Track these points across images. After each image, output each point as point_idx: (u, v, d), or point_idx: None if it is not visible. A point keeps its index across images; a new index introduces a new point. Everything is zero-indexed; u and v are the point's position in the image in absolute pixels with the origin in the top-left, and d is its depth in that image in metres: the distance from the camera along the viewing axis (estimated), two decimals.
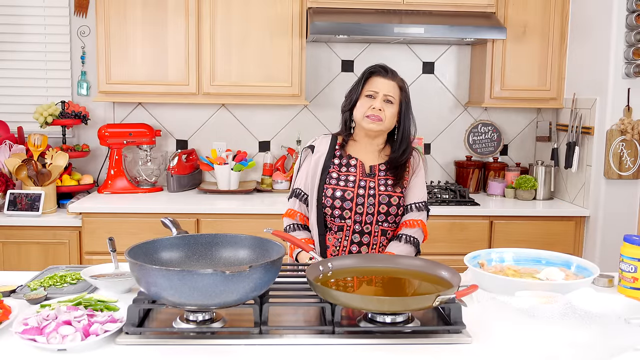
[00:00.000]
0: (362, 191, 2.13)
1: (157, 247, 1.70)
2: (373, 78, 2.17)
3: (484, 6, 3.46)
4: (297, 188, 2.26)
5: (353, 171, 2.17)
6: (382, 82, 2.15)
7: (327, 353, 1.44)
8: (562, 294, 1.65)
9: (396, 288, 1.71)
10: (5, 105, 3.74)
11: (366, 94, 2.15)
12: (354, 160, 2.19)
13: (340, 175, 2.17)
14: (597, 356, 1.37)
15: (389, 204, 2.14)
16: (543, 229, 3.36)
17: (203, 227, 3.26)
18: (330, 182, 2.16)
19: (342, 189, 2.14)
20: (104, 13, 3.38)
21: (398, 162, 2.18)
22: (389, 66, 2.21)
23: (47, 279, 1.92)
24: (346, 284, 1.69)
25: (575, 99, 3.46)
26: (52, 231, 3.22)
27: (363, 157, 2.21)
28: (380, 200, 2.13)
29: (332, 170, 2.18)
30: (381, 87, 2.14)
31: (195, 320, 1.54)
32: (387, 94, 2.14)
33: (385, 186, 2.15)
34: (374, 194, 2.13)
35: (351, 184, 2.15)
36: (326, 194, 2.15)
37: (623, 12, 3.14)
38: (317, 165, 2.20)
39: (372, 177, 2.16)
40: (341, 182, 2.15)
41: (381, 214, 2.14)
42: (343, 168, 2.18)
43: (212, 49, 3.44)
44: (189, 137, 3.87)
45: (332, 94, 3.85)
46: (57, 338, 1.42)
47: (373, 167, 2.19)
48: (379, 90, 2.14)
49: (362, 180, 2.15)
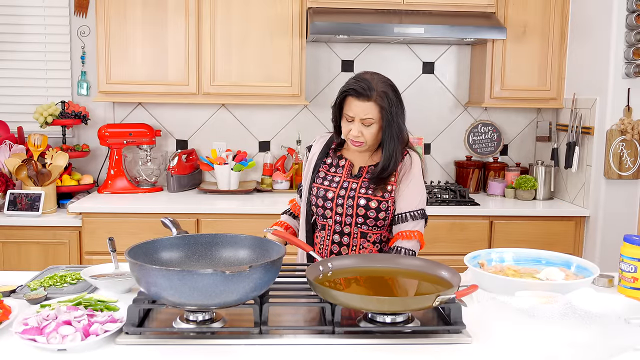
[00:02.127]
0: (344, 192, 2.12)
1: (157, 247, 1.70)
2: (348, 99, 2.04)
3: (484, 6, 3.46)
4: (300, 184, 2.31)
5: (340, 172, 2.17)
6: (357, 106, 2.01)
7: (327, 353, 1.44)
8: (562, 294, 1.65)
9: (398, 289, 1.71)
10: (5, 105, 3.74)
11: (345, 116, 2.06)
12: (343, 161, 2.19)
13: (327, 175, 2.17)
14: (597, 356, 1.37)
15: (367, 207, 2.08)
16: (543, 229, 3.36)
17: (203, 227, 3.26)
18: (317, 182, 2.18)
19: (325, 188, 2.14)
20: (104, 13, 3.38)
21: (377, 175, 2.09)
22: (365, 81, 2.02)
23: (47, 279, 1.92)
24: (351, 282, 1.69)
25: (575, 99, 3.46)
26: (52, 231, 3.22)
27: (354, 158, 2.19)
28: (358, 203, 2.09)
29: (322, 170, 2.19)
30: (356, 110, 2.02)
31: (195, 320, 1.54)
32: (363, 118, 2.01)
33: (367, 189, 2.10)
34: (353, 195, 2.10)
35: (335, 184, 2.14)
36: (313, 192, 2.17)
37: (623, 12, 3.14)
38: (310, 164, 2.23)
39: (358, 178, 2.14)
40: (326, 182, 2.16)
41: (359, 217, 2.10)
42: (332, 168, 2.19)
43: (212, 49, 3.44)
44: (189, 137, 3.87)
45: (332, 94, 3.85)
46: (57, 338, 1.42)
47: (362, 168, 2.16)
48: (354, 115, 2.02)
49: (346, 182, 2.14)
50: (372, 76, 2.05)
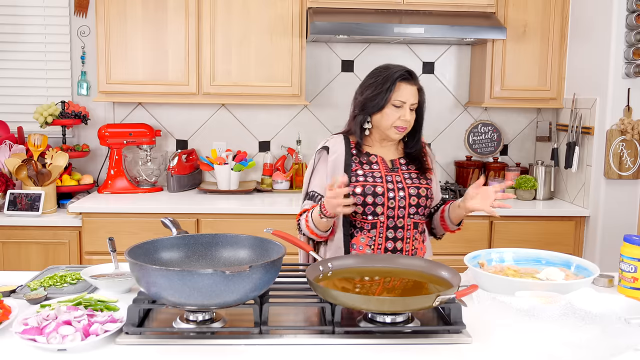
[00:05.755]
0: (391, 185, 2.11)
1: (157, 247, 1.71)
2: (400, 84, 2.10)
3: (484, 6, 3.46)
4: (313, 191, 2.18)
5: (376, 167, 2.14)
6: (409, 91, 2.10)
7: (327, 353, 1.44)
8: (562, 294, 1.65)
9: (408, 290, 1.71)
10: (5, 105, 3.74)
11: (393, 103, 2.09)
12: (374, 157, 2.16)
13: (366, 172, 2.12)
14: (597, 356, 1.37)
15: (418, 195, 2.12)
16: (543, 229, 3.36)
17: (203, 227, 3.26)
18: (358, 180, 2.10)
19: (372, 184, 2.09)
20: (104, 13, 3.38)
21: (414, 154, 2.19)
22: (405, 68, 2.16)
23: (47, 279, 1.92)
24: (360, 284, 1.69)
25: (575, 99, 3.46)
26: (52, 231, 3.22)
27: (382, 153, 2.18)
28: (410, 192, 2.11)
29: (356, 168, 2.13)
30: (408, 96, 2.10)
31: (195, 320, 1.54)
32: (413, 102, 2.10)
33: (411, 178, 2.14)
34: (402, 187, 2.11)
35: (378, 179, 2.11)
36: (355, 192, 2.09)
37: (623, 12, 3.14)
38: (336, 165, 2.14)
39: (396, 171, 2.14)
40: (369, 179, 2.11)
41: (412, 206, 2.11)
42: (365, 165, 2.14)
43: (212, 49, 3.44)
44: (189, 137, 3.87)
45: (332, 94, 3.85)
46: (57, 338, 1.42)
47: (394, 161, 2.17)
48: (406, 100, 2.09)
49: (388, 175, 2.12)
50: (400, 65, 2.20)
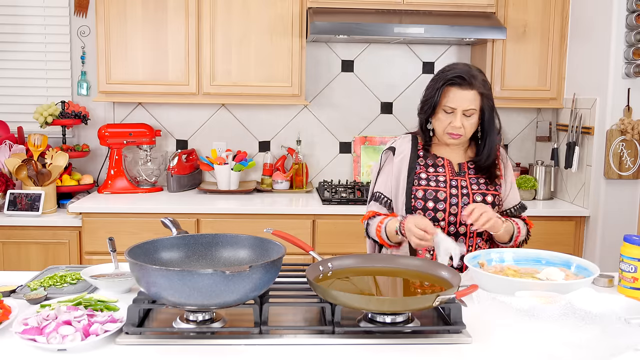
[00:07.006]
0: (455, 191, 2.02)
1: (157, 247, 1.70)
2: (450, 89, 1.97)
3: (484, 6, 3.46)
4: (378, 192, 2.13)
5: (442, 171, 2.05)
6: (461, 96, 1.96)
7: (327, 353, 1.44)
8: (562, 294, 1.65)
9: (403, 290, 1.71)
10: (5, 105, 3.74)
11: (444, 108, 1.99)
12: (440, 160, 2.07)
13: (430, 176, 2.05)
14: (597, 356, 1.37)
15: (484, 203, 2.01)
16: (543, 229, 3.35)
17: (203, 227, 3.26)
18: (420, 184, 2.04)
19: (434, 189, 2.02)
20: (104, 13, 3.38)
21: (483, 165, 2.06)
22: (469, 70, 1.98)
23: (47, 279, 1.92)
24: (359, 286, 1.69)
25: (575, 99, 3.46)
26: (52, 231, 3.22)
27: (450, 156, 2.09)
28: (474, 199, 2.02)
29: (420, 171, 2.06)
30: (459, 102, 1.96)
31: (195, 320, 1.54)
32: (466, 108, 1.97)
33: (478, 185, 2.04)
34: (467, 193, 2.02)
35: (442, 184, 2.03)
36: (416, 195, 2.03)
37: (623, 12, 3.14)
38: (401, 166, 2.08)
39: (462, 175, 2.05)
40: (432, 183, 2.03)
41: None
42: (430, 168, 2.06)
43: (212, 49, 3.44)
44: (189, 137, 3.87)
45: (332, 94, 3.85)
46: (57, 338, 1.42)
47: (461, 165, 2.08)
48: (457, 106, 1.96)
49: (453, 180, 2.04)
50: (465, 65, 2.02)
